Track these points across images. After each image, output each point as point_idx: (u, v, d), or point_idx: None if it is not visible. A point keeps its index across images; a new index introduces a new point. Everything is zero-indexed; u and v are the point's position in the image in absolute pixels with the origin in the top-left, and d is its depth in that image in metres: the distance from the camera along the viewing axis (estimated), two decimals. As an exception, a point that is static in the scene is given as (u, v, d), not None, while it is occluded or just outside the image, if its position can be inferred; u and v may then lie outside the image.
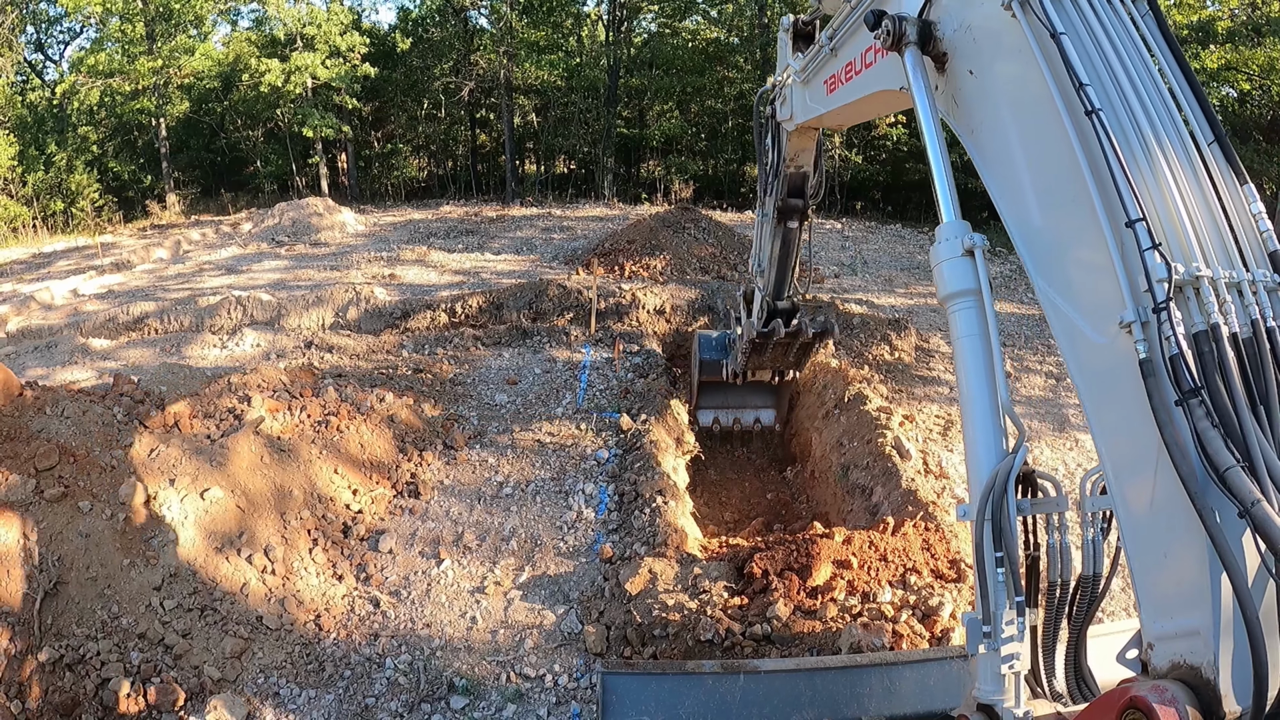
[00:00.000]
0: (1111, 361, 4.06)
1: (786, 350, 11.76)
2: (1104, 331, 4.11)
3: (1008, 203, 4.81)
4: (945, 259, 4.96)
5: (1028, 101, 4.67)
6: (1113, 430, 4.18)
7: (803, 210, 10.26)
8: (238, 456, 9.40)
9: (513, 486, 10.74)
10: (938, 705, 6.40)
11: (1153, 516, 3.89)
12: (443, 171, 46.62)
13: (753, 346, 11.58)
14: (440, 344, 15.89)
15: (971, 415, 4.80)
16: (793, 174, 9.96)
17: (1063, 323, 4.42)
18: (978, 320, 4.80)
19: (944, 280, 4.97)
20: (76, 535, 7.62)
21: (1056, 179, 4.47)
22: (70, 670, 6.96)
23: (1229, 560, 3.36)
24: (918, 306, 19.75)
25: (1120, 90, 4.30)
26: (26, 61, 44.86)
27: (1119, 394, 4.03)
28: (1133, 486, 4.05)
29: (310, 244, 26.79)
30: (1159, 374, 3.72)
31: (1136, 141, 4.17)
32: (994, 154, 4.98)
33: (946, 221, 5.05)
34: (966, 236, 4.87)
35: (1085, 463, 11.84)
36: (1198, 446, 3.54)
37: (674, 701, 6.51)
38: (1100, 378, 4.22)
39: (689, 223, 23.27)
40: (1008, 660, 4.46)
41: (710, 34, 39.85)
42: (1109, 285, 4.04)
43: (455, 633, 8.23)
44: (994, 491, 4.48)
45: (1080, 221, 4.27)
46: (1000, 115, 4.93)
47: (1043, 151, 4.59)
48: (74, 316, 18.99)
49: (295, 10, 35.96)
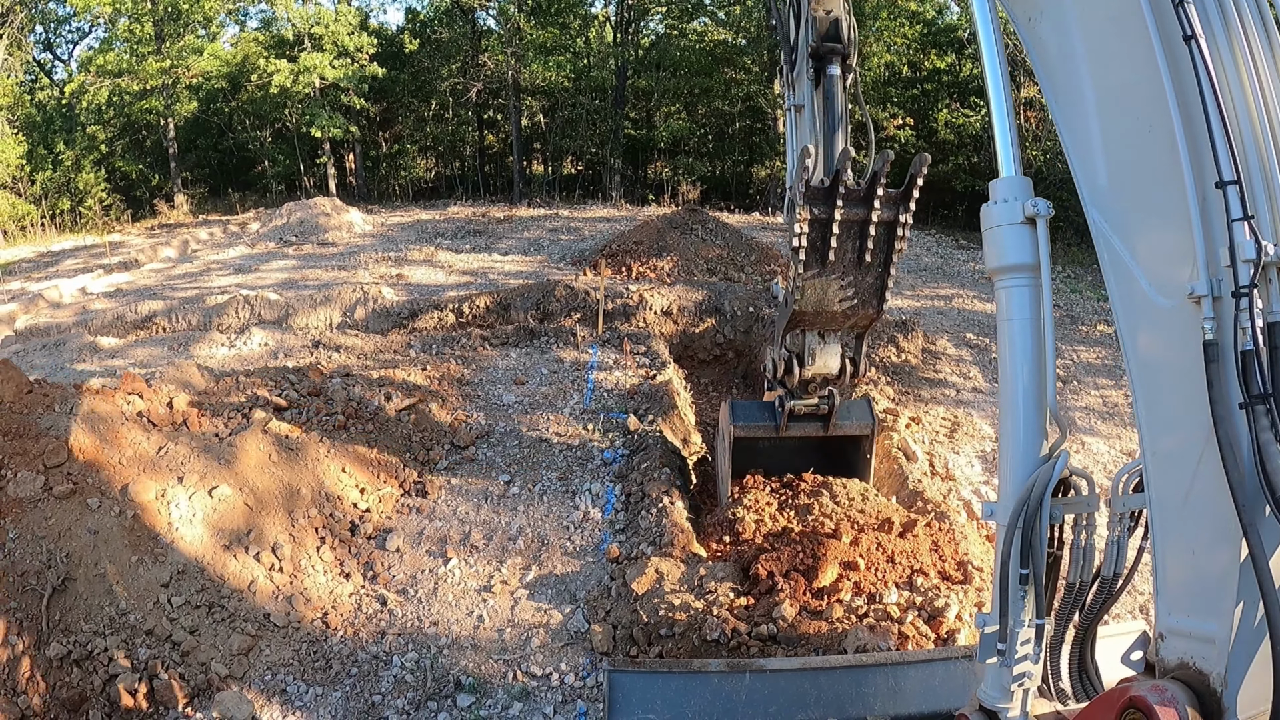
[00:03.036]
0: (1171, 331, 3.54)
1: (861, 239, 7.78)
2: (1169, 295, 3.54)
3: (1065, 117, 4.08)
4: (1001, 223, 4.27)
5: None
6: (1158, 407, 3.72)
7: (843, 54, 8.58)
8: (246, 455, 9.43)
9: (520, 486, 10.75)
10: (943, 705, 6.39)
11: (1186, 509, 3.58)
12: (450, 172, 46.73)
13: (808, 242, 7.69)
14: (448, 344, 15.91)
15: (1012, 410, 4.33)
16: (821, 18, 8.54)
17: (1119, 272, 3.79)
18: (1032, 302, 4.22)
19: (997, 249, 4.30)
20: (85, 532, 7.64)
21: (1132, 103, 3.70)
22: (78, 666, 6.98)
23: (1267, 585, 3.12)
24: (924, 309, 19.72)
25: (1223, 14, 3.50)
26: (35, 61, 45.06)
27: (1173, 369, 3.57)
28: (1171, 472, 3.66)
29: (318, 244, 26.85)
30: (1225, 363, 3.29)
31: (1235, 81, 3.44)
32: (1056, 55, 4.16)
33: (1005, 176, 4.34)
34: (1029, 201, 4.18)
35: (1092, 465, 11.83)
36: (1256, 457, 3.19)
37: (680, 700, 6.51)
38: (1154, 345, 3.70)
39: (696, 224, 23.27)
40: (1019, 679, 4.30)
41: (718, 35, 39.86)
42: (1183, 244, 3.44)
43: (462, 631, 8.24)
44: (1028, 505, 4.16)
45: (1156, 162, 3.57)
46: (1066, 9, 4.06)
47: (1118, 66, 3.81)
48: (82, 315, 19.05)
49: (303, 11, 36.04)
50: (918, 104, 34.02)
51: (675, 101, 42.65)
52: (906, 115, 33.47)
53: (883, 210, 7.59)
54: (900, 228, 7.78)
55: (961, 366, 15.74)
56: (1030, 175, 4.25)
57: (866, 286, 8.04)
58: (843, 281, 7.98)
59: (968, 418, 13.38)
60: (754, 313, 16.92)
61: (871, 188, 7.48)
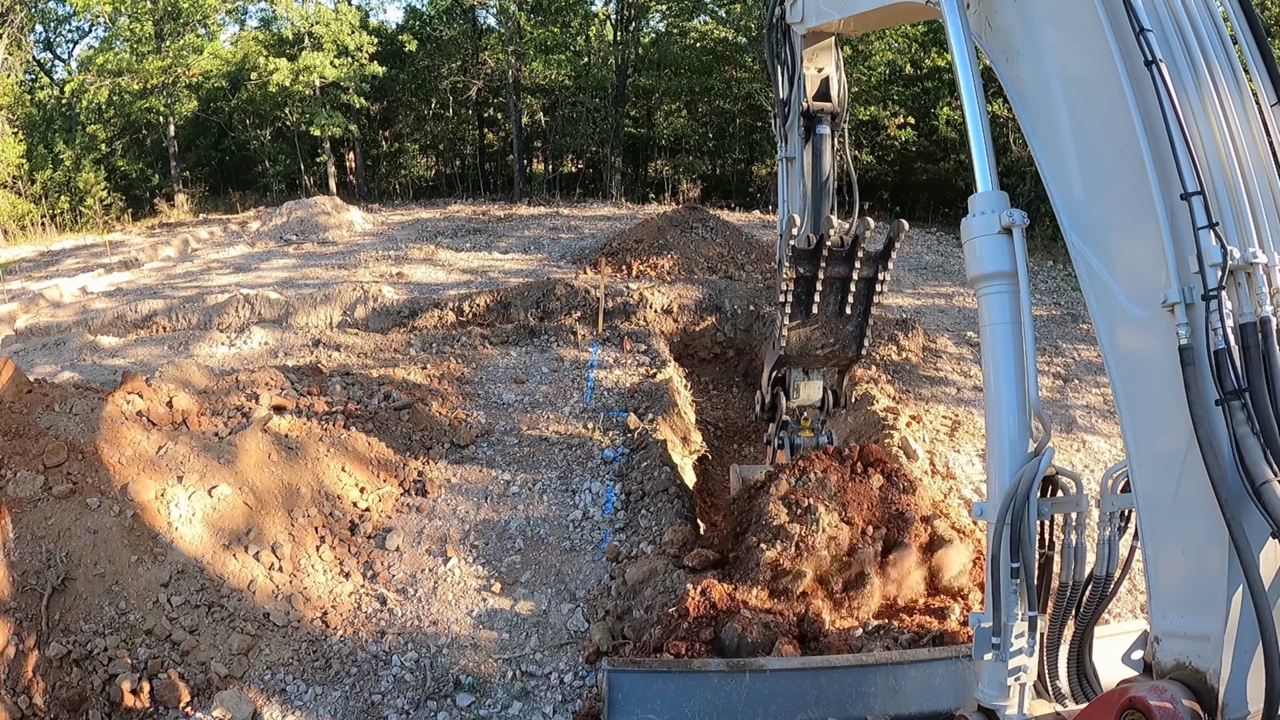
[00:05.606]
0: (1149, 340, 3.73)
1: (843, 293, 8.38)
2: (1144, 305, 3.75)
3: (1044, 147, 4.34)
4: (979, 234, 4.49)
5: (1077, 35, 4.14)
6: (1142, 413, 3.88)
7: (833, 113, 8.90)
8: (246, 454, 9.43)
9: (519, 485, 10.75)
10: (943, 705, 6.38)
11: (1174, 510, 3.68)
12: (451, 171, 46.74)
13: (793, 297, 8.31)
14: (448, 343, 15.91)
15: (998, 411, 4.47)
16: (813, 75, 8.85)
17: (1098, 289, 4.02)
18: (1011, 307, 4.40)
19: (976, 259, 4.51)
20: (85, 531, 7.64)
21: (1103, 130, 3.99)
22: (78, 666, 6.98)
23: (1253, 577, 3.23)
24: (925, 307, 19.72)
25: (1183, 39, 3.82)
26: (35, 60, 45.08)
27: (1153, 376, 3.73)
28: (1157, 475, 3.80)
29: (318, 243, 26.86)
30: (1200, 365, 3.46)
31: (1196, 100, 3.72)
32: (1032, 89, 4.46)
33: (983, 191, 4.56)
34: (1005, 212, 4.39)
35: (1093, 464, 11.82)
36: (1234, 452, 3.34)
37: (680, 700, 6.50)
38: (1134, 356, 3.88)
39: (697, 222, 23.25)
40: (1014, 673, 4.35)
41: (718, 34, 39.81)
42: (1155, 257, 3.65)
43: (461, 630, 8.24)
44: (1015, 500, 4.26)
45: (1127, 182, 3.82)
46: (1041, 48, 4.37)
47: (1090, 97, 4.09)
48: (82, 314, 19.05)
49: (303, 10, 36.02)
50: (919, 102, 33.97)
51: (676, 100, 42.69)
52: (908, 114, 33.44)
53: (863, 269, 8.17)
54: (879, 283, 8.35)
55: (962, 365, 15.74)
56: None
57: (847, 334, 8.65)
58: (825, 329, 8.60)
59: (968, 416, 13.38)
60: (754, 311, 16.91)
61: (853, 249, 8.04)
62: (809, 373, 9.22)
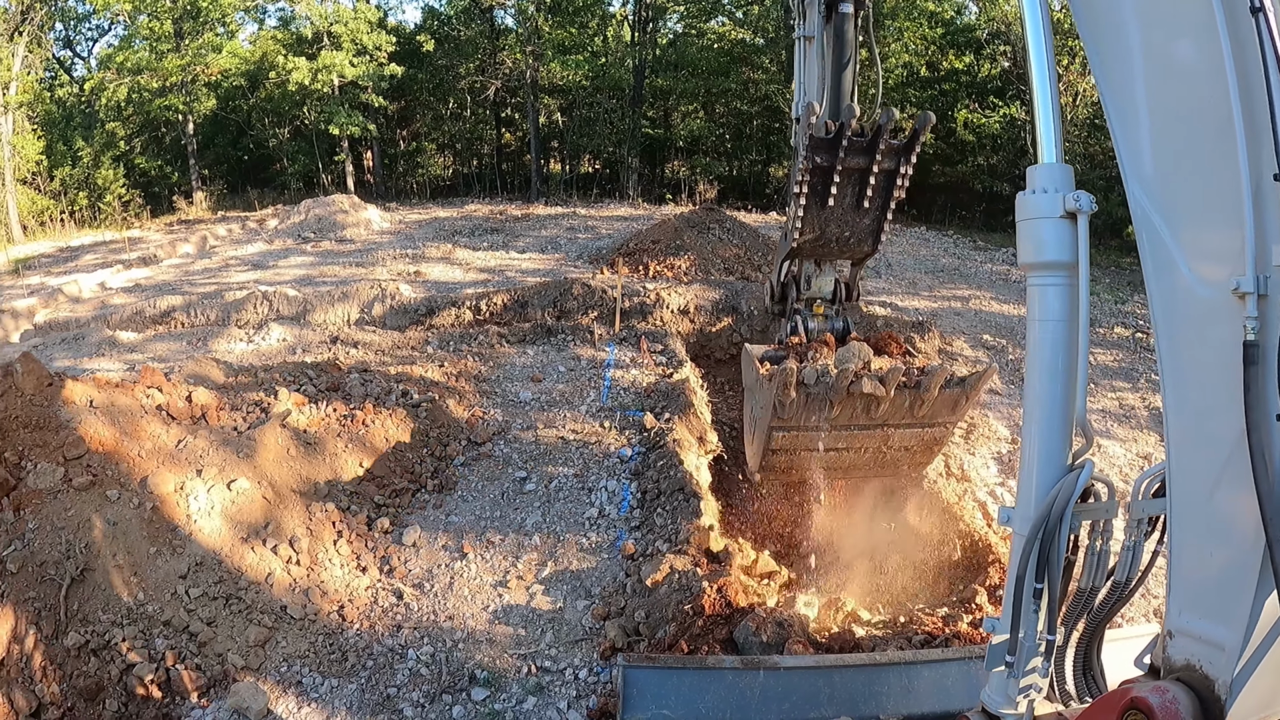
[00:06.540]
0: (1210, 323, 3.25)
1: (861, 185, 7.94)
2: (1211, 284, 3.23)
3: (1111, 85, 3.64)
4: (1038, 215, 3.90)
5: None
6: (1188, 401, 3.45)
7: None
8: (265, 448, 9.47)
9: (536, 482, 10.76)
10: (955, 705, 6.36)
11: (1209, 510, 3.39)
12: (468, 170, 46.92)
13: (809, 188, 7.88)
14: (465, 341, 15.95)
15: (1037, 416, 4.07)
16: None
17: (1159, 252, 3.43)
18: (1067, 303, 3.90)
19: (1032, 243, 3.95)
20: (104, 523, 7.69)
21: (1185, 78, 3.35)
22: (95, 655, 7.03)
23: None
24: (941, 309, 19.67)
25: None
26: (55, 58, 45.38)
27: (1207, 363, 3.29)
28: (1195, 468, 3.43)
29: (336, 241, 26.98)
30: (1266, 366, 3.02)
31: None
32: (1103, 11, 3.66)
33: (1045, 163, 3.95)
34: (1070, 194, 3.79)
35: (1108, 469, 11.75)
36: None
37: (694, 696, 6.52)
38: (1191, 336, 3.38)
39: (713, 223, 23.27)
40: (1025, 690, 4.20)
41: (735, 35, 39.85)
42: (1232, 235, 3.12)
43: (477, 625, 8.25)
44: (1048, 520, 3.96)
45: (1209, 144, 3.20)
46: None
47: (1172, 34, 3.40)
48: (101, 309, 19.17)
49: (322, 9, 36.17)
50: (936, 104, 33.94)
51: (693, 101, 42.73)
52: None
53: (884, 160, 7.73)
54: (900, 177, 7.89)
55: (977, 368, 15.66)
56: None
57: (863, 227, 8.24)
58: (840, 222, 8.17)
59: (984, 419, 13.33)
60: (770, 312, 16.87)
61: (875, 139, 7.57)
62: (821, 265, 8.99)
